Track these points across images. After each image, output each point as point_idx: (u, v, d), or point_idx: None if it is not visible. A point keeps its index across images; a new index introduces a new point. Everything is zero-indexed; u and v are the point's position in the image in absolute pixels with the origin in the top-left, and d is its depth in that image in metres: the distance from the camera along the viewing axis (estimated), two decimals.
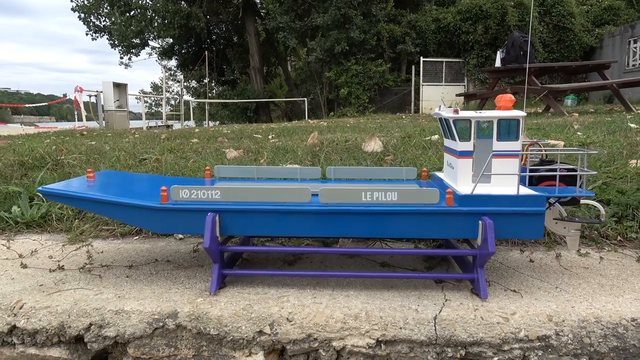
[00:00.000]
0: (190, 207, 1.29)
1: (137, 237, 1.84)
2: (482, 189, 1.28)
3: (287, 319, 1.19)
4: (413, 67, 18.10)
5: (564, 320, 1.15)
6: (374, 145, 2.84)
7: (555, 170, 1.35)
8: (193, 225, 1.31)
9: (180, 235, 1.80)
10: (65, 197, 1.37)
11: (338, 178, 1.69)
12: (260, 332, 1.18)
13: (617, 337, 1.12)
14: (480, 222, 1.24)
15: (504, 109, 1.36)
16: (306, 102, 16.00)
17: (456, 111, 1.33)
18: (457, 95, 12.73)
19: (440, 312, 1.19)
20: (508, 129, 1.32)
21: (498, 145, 1.32)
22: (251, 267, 1.49)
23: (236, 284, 1.36)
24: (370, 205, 1.26)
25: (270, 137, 4.69)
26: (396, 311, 1.20)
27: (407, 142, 3.06)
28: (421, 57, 16.92)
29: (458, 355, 1.13)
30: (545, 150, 1.45)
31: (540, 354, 1.12)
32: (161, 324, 1.20)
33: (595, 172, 1.30)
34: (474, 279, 1.28)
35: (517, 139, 1.32)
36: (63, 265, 1.53)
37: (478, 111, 1.37)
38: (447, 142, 1.45)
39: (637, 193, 1.83)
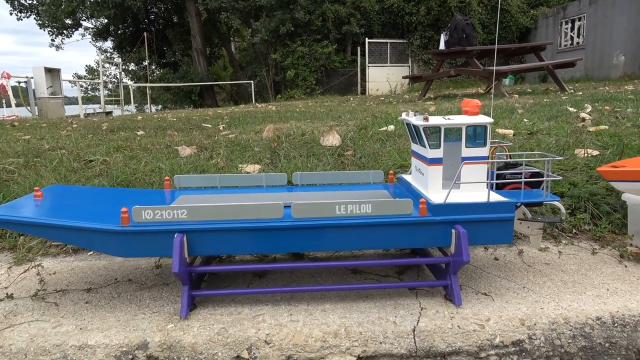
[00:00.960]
0: (154, 228, 1.21)
1: (91, 253, 1.72)
2: (453, 197, 1.29)
3: (265, 341, 1.15)
4: (358, 48, 18.17)
5: (535, 324, 1.18)
6: (332, 139, 2.81)
7: (520, 174, 1.38)
8: (158, 247, 1.24)
9: None
10: (12, 224, 1.25)
11: (305, 184, 1.65)
12: (238, 358, 1.14)
13: (585, 337, 1.17)
14: (453, 230, 1.25)
15: (471, 115, 1.37)
16: (253, 85, 15.69)
17: (426, 119, 1.32)
18: (403, 77, 12.92)
19: (418, 323, 1.19)
20: (476, 135, 1.33)
21: (467, 152, 1.33)
22: (220, 283, 1.43)
23: (207, 304, 1.30)
24: (345, 219, 1.23)
25: (220, 127, 4.55)
26: (375, 325, 1.19)
27: (364, 135, 3.05)
28: (366, 38, 16.99)
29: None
30: (509, 155, 1.48)
31: (515, 359, 1.15)
32: (131, 356, 1.13)
33: (560, 178, 1.34)
34: (448, 285, 1.30)
35: (485, 144, 1.34)
36: (12, 294, 1.40)
37: (446, 117, 1.37)
38: (415, 147, 1.45)
39: (587, 185, 1.93)
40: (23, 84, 10.58)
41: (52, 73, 10.43)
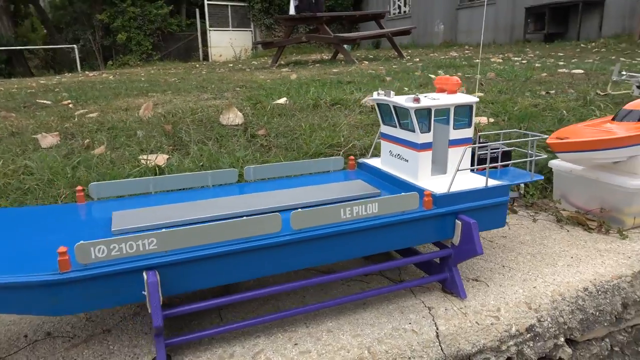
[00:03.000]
0: (111, 270, 0.88)
1: None
2: (444, 183, 1.20)
3: None
4: (197, 10, 17.15)
5: (540, 306, 1.18)
6: (233, 117, 2.52)
7: (498, 151, 1.35)
8: (116, 295, 0.90)
9: None
10: None
11: (259, 179, 1.40)
12: None
13: (580, 310, 1.21)
14: (457, 221, 1.16)
15: (450, 93, 1.28)
16: (76, 49, 13.69)
17: (417, 100, 1.18)
18: (254, 43, 12.56)
19: (437, 327, 1.09)
20: (462, 115, 1.25)
21: (454, 134, 1.25)
22: (186, 323, 1.13)
23: (184, 352, 1.02)
24: (351, 223, 1.05)
25: (67, 103, 3.80)
26: (395, 338, 1.06)
27: (263, 110, 2.80)
28: (205, 1, 16.07)
29: None
30: (480, 136, 1.43)
31: (531, 345, 1.14)
32: None
33: (546, 156, 1.34)
34: (446, 278, 1.22)
35: (470, 125, 1.26)
36: None
37: (426, 95, 1.25)
38: (393, 131, 1.31)
39: None
40: None
41: None
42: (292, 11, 9.93)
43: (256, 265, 0.99)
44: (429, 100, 1.20)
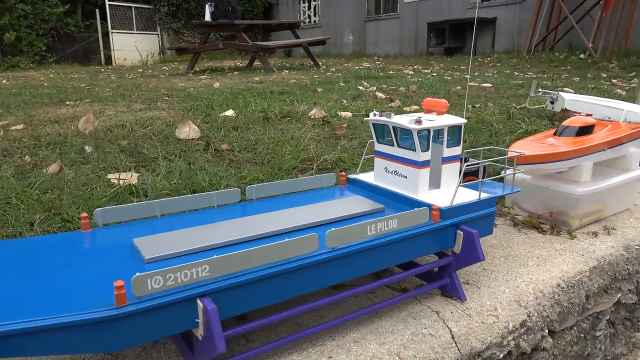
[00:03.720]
0: (167, 300, 0.86)
1: None
2: (440, 196, 1.32)
3: None
4: (97, 11, 16.17)
5: (527, 302, 1.34)
6: (189, 131, 2.46)
7: (479, 165, 1.50)
8: (171, 324, 0.89)
9: None
10: None
11: (260, 197, 1.41)
12: None
13: (557, 304, 1.40)
14: (459, 231, 1.28)
15: (440, 114, 1.40)
16: None
17: (419, 122, 1.29)
18: (168, 49, 12.08)
19: (450, 329, 1.20)
20: (455, 135, 1.38)
21: (447, 152, 1.37)
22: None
23: None
24: (376, 238, 1.13)
25: None
26: (418, 343, 1.15)
27: (215, 123, 2.77)
28: (106, 1, 15.21)
29: None
30: (465, 153, 1.57)
31: (525, 338, 1.29)
32: None
33: (523, 170, 1.51)
34: (447, 284, 1.34)
35: (459, 144, 1.40)
36: None
37: (420, 116, 1.36)
38: (392, 150, 1.40)
39: None
40: None
41: None
42: (207, 17, 9.74)
43: (298, 284, 1.02)
44: (428, 122, 1.31)
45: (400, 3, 14.64)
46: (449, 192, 1.35)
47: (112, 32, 16.35)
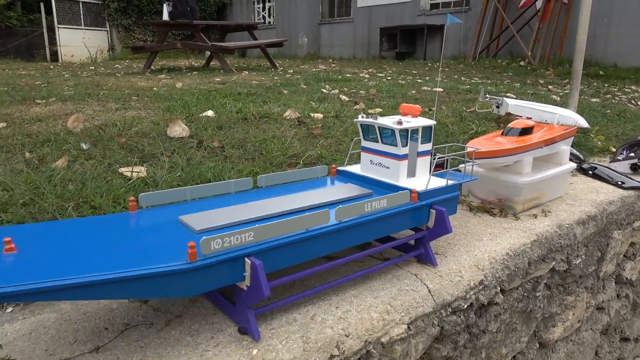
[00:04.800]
0: (224, 257, 1.12)
1: (29, 306, 1.30)
2: (416, 183, 1.64)
3: (345, 335, 1.27)
4: (42, 4, 15.61)
5: (484, 266, 1.69)
6: (179, 130, 2.67)
7: (444, 159, 1.84)
8: (225, 277, 1.15)
9: None
10: (32, 294, 0.91)
11: (268, 185, 1.68)
12: (332, 357, 1.22)
13: (507, 267, 1.75)
14: (432, 210, 1.61)
15: (415, 117, 1.73)
16: None
17: (400, 123, 1.60)
18: (124, 47, 11.88)
19: (428, 286, 1.53)
20: (427, 134, 1.71)
21: (421, 147, 1.70)
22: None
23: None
24: (372, 214, 1.43)
25: None
26: (403, 295, 1.46)
27: (198, 122, 2.98)
28: None
29: (448, 313, 1.52)
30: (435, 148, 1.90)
31: (483, 293, 1.63)
32: None
33: (479, 162, 1.86)
34: (422, 253, 1.66)
35: (430, 141, 1.73)
36: None
37: (400, 118, 1.68)
38: (375, 145, 1.71)
39: None
40: None
41: None
42: (165, 17, 9.75)
43: (315, 248, 1.31)
44: (407, 123, 1.63)
45: (353, 8, 15.10)
46: (423, 179, 1.68)
47: (58, 27, 15.81)
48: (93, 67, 10.36)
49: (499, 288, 1.71)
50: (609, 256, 2.43)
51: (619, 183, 2.69)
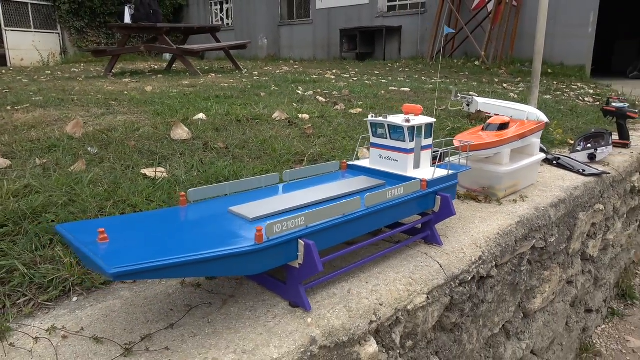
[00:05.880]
0: (284, 239, 1.30)
1: (92, 292, 1.43)
2: (420, 173, 1.87)
3: (379, 304, 1.48)
4: None
5: (481, 244, 1.94)
6: (181, 132, 2.80)
7: (442, 152, 2.07)
8: (283, 256, 1.33)
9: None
10: (147, 272, 1.06)
11: (292, 179, 1.86)
12: (371, 322, 1.43)
13: (499, 245, 2.02)
14: (437, 197, 1.84)
15: (417, 116, 1.96)
16: None
17: (408, 121, 1.83)
18: (85, 50, 11.56)
19: (438, 262, 1.76)
20: (429, 130, 1.94)
21: (424, 142, 1.93)
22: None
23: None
24: (393, 200, 1.64)
25: None
26: (420, 270, 1.69)
27: (193, 125, 3.11)
28: None
29: (457, 284, 1.76)
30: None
31: (483, 267, 1.88)
32: (309, 354, 1.25)
33: (473, 154, 2.11)
34: (428, 235, 1.90)
35: (431, 136, 1.96)
36: None
37: (404, 116, 1.90)
38: (384, 141, 1.93)
39: None
40: None
41: None
42: (127, 20, 9.66)
43: (350, 230, 1.51)
44: (413, 121, 1.86)
45: (312, 9, 15.34)
46: (427, 170, 1.91)
47: (5, 30, 15.22)
48: (49, 72, 10.07)
49: (494, 263, 1.97)
50: (576, 235, 2.76)
51: (581, 171, 3.04)
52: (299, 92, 5.60)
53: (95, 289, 1.47)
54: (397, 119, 1.87)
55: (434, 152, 2.01)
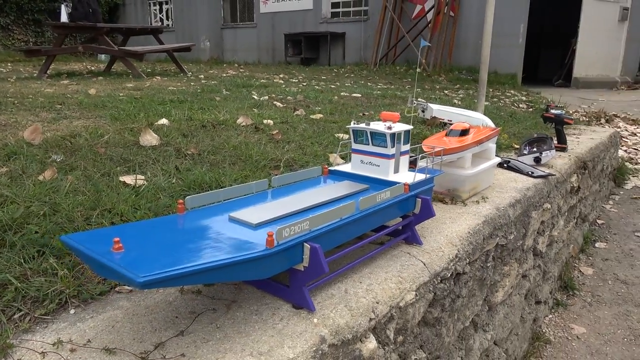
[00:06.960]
0: (292, 243, 1.35)
1: (89, 304, 1.39)
2: (401, 177, 1.98)
3: (376, 302, 1.56)
4: None
5: (457, 243, 2.08)
6: (150, 139, 2.74)
7: (417, 157, 2.19)
8: (291, 259, 1.37)
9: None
10: (172, 279, 1.07)
11: (280, 185, 1.90)
12: (370, 320, 1.50)
13: (470, 243, 2.16)
14: (418, 199, 1.95)
15: (395, 123, 2.07)
16: None
17: (390, 128, 1.93)
18: (18, 49, 10.80)
19: (423, 261, 1.87)
20: (407, 136, 2.05)
21: (403, 148, 2.04)
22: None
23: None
24: (382, 203, 1.73)
25: None
26: (406, 269, 1.78)
27: (159, 131, 3.05)
28: None
29: (438, 281, 1.88)
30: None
31: (459, 264, 2.02)
32: (320, 352, 1.31)
33: (446, 158, 2.24)
34: (409, 235, 2.00)
35: (409, 142, 2.08)
36: None
37: (384, 124, 2.00)
38: (365, 147, 2.02)
39: None
40: None
41: None
42: (64, 18, 9.20)
43: (346, 232, 1.58)
44: (394, 128, 1.96)
45: (256, 13, 15.30)
46: (406, 174, 2.02)
47: None
48: None
49: (468, 260, 2.11)
50: (530, 232, 2.99)
51: (530, 173, 3.30)
52: (255, 97, 5.60)
53: (92, 300, 1.44)
54: (378, 126, 1.96)
55: (410, 157, 2.12)
